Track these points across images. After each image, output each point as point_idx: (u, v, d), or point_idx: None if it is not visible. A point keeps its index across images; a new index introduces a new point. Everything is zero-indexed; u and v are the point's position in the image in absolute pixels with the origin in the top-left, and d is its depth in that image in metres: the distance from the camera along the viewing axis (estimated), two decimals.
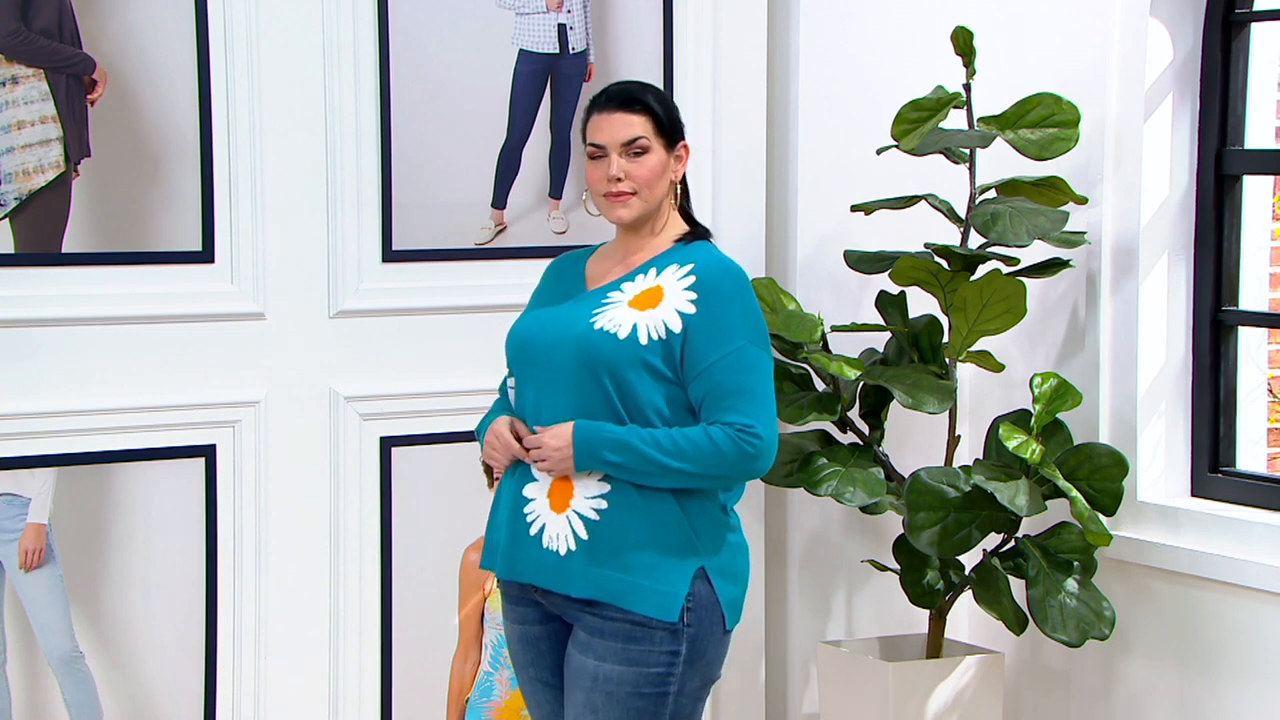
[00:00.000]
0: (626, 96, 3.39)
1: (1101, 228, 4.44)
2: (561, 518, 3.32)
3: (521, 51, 4.39)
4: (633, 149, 3.36)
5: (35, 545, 3.97)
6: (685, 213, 3.48)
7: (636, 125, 3.36)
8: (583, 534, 3.30)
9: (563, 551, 3.31)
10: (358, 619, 4.26)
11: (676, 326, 3.28)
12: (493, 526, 3.47)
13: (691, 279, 3.32)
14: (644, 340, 3.28)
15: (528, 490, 3.37)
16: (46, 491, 3.97)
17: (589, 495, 3.30)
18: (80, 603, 4.01)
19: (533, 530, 3.35)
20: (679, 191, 3.45)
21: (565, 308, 3.41)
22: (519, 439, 3.36)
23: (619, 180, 3.36)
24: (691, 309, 3.29)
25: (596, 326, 3.31)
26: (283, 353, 4.16)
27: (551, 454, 3.29)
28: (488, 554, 3.49)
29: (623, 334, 3.29)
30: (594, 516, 3.30)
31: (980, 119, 4.32)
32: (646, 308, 3.31)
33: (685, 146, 3.43)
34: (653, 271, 3.38)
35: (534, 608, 3.43)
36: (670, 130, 3.39)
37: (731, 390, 3.27)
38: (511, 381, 3.47)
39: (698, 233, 3.46)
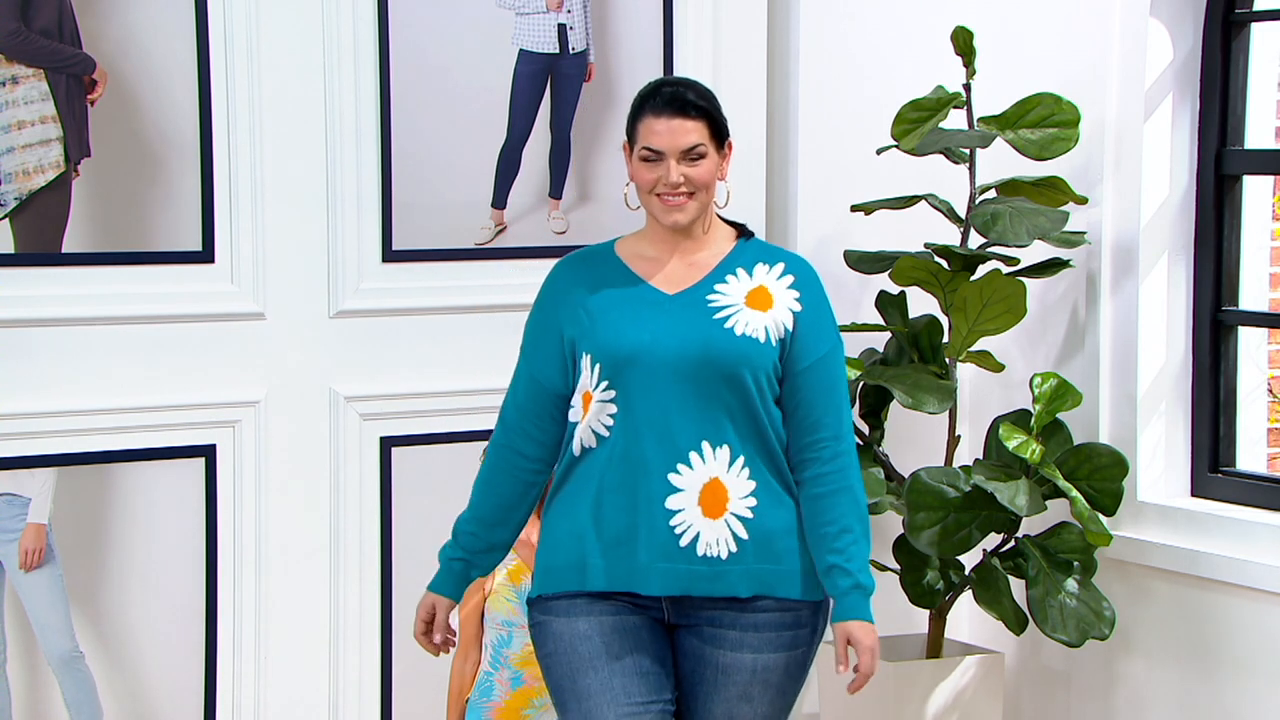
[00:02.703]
0: (682, 101, 3.31)
1: (1101, 228, 4.44)
2: (719, 523, 3.29)
3: (521, 51, 4.39)
4: (691, 154, 3.31)
5: (35, 545, 3.97)
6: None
7: (696, 132, 3.31)
8: (742, 534, 3.30)
9: (724, 555, 3.30)
10: (358, 619, 4.26)
11: (791, 326, 3.34)
12: (605, 544, 3.34)
13: (791, 278, 3.37)
14: (773, 342, 3.32)
15: (672, 502, 3.29)
16: (46, 491, 3.97)
17: (742, 495, 3.31)
18: (80, 603, 4.01)
19: (684, 541, 3.29)
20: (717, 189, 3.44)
21: (672, 316, 3.34)
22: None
23: (679, 185, 3.32)
24: (799, 307, 3.35)
25: (739, 332, 3.30)
26: (283, 353, 4.16)
27: (877, 651, 3.38)
28: (566, 573, 3.36)
29: (762, 338, 3.30)
30: (749, 515, 3.31)
31: (980, 119, 4.32)
32: (765, 309, 3.33)
33: (730, 145, 3.39)
34: (742, 272, 3.37)
35: (632, 609, 3.37)
36: (722, 132, 3.36)
37: (830, 390, 3.36)
38: (605, 396, 3.33)
39: (744, 228, 3.47)
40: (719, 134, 3.35)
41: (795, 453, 3.36)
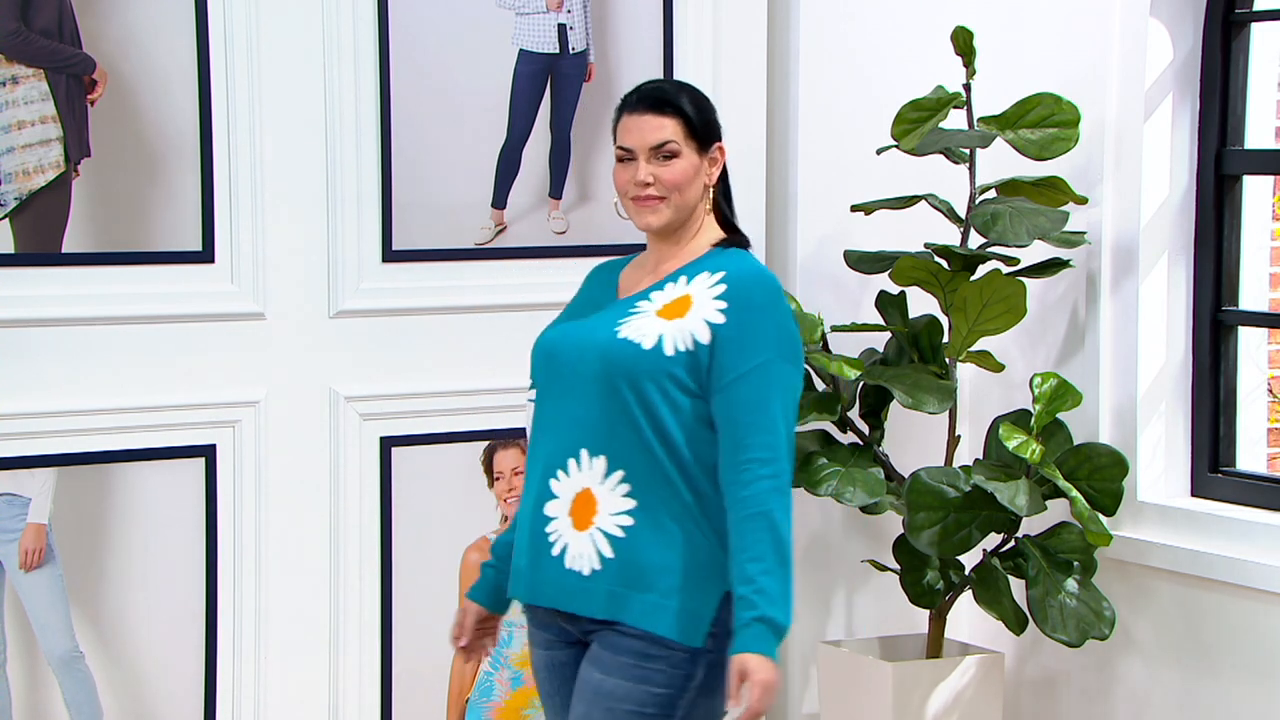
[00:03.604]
0: (656, 98, 3.20)
1: (1101, 228, 4.44)
2: (585, 536, 3.13)
3: (521, 51, 4.39)
4: (661, 153, 3.18)
5: (35, 545, 3.97)
6: (724, 219, 3.28)
7: (666, 129, 3.18)
8: (607, 552, 3.12)
9: (586, 571, 3.13)
10: (358, 619, 4.25)
11: (705, 337, 3.11)
12: (515, 550, 3.27)
13: (722, 287, 3.14)
14: (669, 351, 3.10)
15: (549, 508, 3.18)
16: (46, 491, 3.97)
17: (613, 511, 3.12)
18: (80, 603, 4.01)
19: (554, 551, 3.16)
20: (714, 196, 3.26)
21: (593, 318, 3.23)
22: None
23: (647, 185, 3.19)
24: (721, 319, 3.11)
25: (620, 335, 3.13)
26: (283, 353, 4.16)
27: (770, 688, 3.02)
28: (512, 581, 3.30)
29: (647, 344, 3.11)
30: (619, 534, 3.12)
31: (980, 119, 4.32)
32: (674, 317, 3.13)
33: (720, 149, 3.25)
34: (683, 279, 3.19)
35: (558, 633, 3.25)
36: (702, 133, 3.21)
37: (756, 408, 3.09)
38: (530, 395, 3.29)
39: (736, 240, 3.27)
40: (698, 135, 3.21)
41: (721, 474, 3.12)
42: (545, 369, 3.25)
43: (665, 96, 3.21)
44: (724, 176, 3.31)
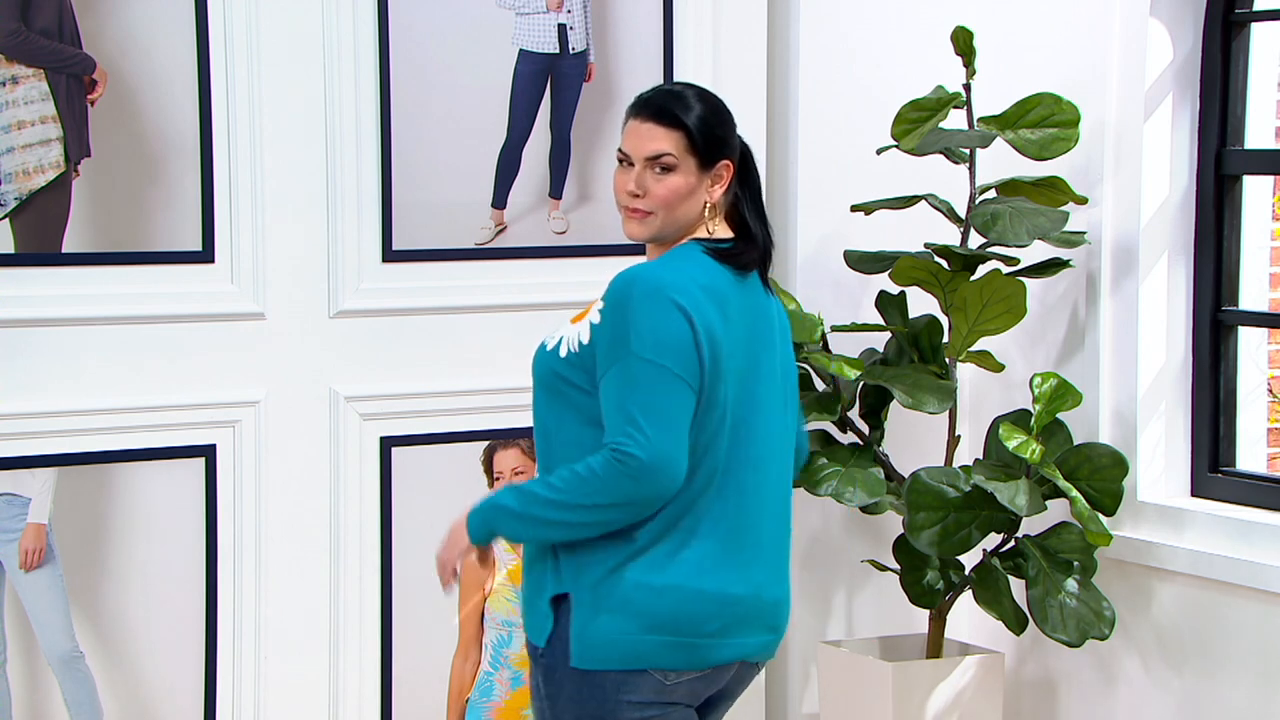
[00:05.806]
0: (661, 108, 3.12)
1: (1101, 228, 4.44)
2: None
3: (521, 51, 4.39)
4: (657, 164, 3.10)
5: (35, 545, 3.97)
6: (743, 224, 3.21)
7: (665, 141, 3.10)
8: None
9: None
10: (358, 619, 4.25)
11: (587, 339, 3.09)
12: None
13: (607, 289, 3.11)
14: (563, 353, 3.11)
15: None
16: (46, 491, 3.97)
17: None
18: (80, 603, 4.01)
19: None
20: (725, 208, 3.19)
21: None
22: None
23: (636, 196, 3.12)
24: (599, 319, 3.08)
25: (543, 342, 3.19)
26: (283, 353, 4.16)
27: (440, 558, 3.17)
28: None
29: (550, 345, 3.14)
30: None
31: (980, 119, 4.32)
32: (577, 321, 3.14)
33: (727, 166, 3.16)
34: None
35: None
36: (705, 149, 3.13)
37: (615, 407, 3.01)
38: None
39: (726, 240, 3.18)
40: (700, 152, 3.13)
41: None
42: None
43: (671, 107, 3.13)
44: (751, 183, 3.23)
